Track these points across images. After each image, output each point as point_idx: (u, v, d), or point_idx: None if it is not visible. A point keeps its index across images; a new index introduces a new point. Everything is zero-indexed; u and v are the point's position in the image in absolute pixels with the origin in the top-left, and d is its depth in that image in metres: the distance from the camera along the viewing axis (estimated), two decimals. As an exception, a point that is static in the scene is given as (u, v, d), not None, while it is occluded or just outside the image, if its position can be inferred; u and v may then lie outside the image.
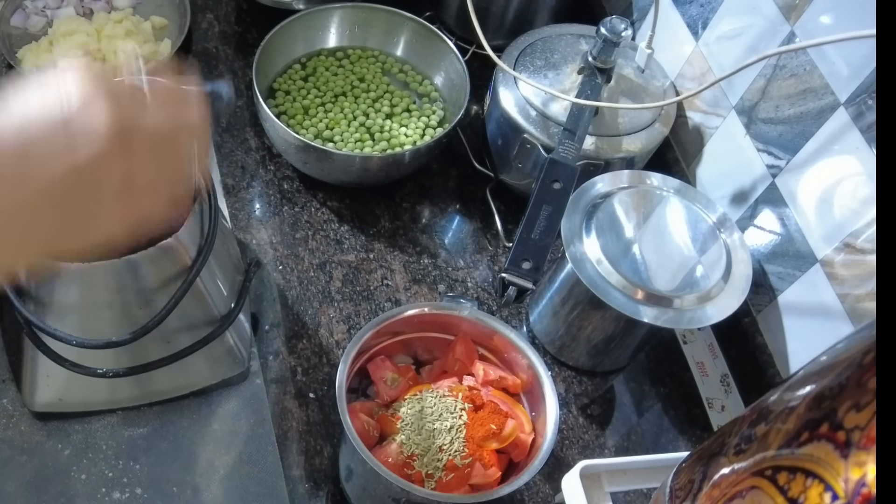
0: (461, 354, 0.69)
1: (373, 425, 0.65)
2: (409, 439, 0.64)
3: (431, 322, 0.70)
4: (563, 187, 0.72)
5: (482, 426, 0.64)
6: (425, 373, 0.72)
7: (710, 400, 0.80)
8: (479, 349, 0.71)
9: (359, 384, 0.70)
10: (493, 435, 0.64)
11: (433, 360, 0.73)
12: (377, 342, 0.69)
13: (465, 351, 0.70)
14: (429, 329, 0.71)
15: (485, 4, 0.98)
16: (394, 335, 0.70)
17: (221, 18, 1.04)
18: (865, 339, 0.35)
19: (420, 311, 0.69)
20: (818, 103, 0.69)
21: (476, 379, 0.69)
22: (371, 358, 0.69)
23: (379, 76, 0.95)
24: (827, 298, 0.69)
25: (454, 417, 0.65)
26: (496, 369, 0.70)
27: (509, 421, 0.65)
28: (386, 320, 0.67)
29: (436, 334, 0.71)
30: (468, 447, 0.63)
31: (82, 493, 0.67)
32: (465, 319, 0.69)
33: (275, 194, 0.89)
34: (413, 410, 0.65)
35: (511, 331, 0.68)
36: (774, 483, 0.36)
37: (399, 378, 0.68)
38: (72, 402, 0.69)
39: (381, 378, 0.68)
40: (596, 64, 0.80)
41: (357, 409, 0.66)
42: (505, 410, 0.66)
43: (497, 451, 0.65)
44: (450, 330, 0.71)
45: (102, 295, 0.61)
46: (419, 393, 0.67)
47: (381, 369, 0.69)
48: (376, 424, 0.66)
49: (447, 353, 0.71)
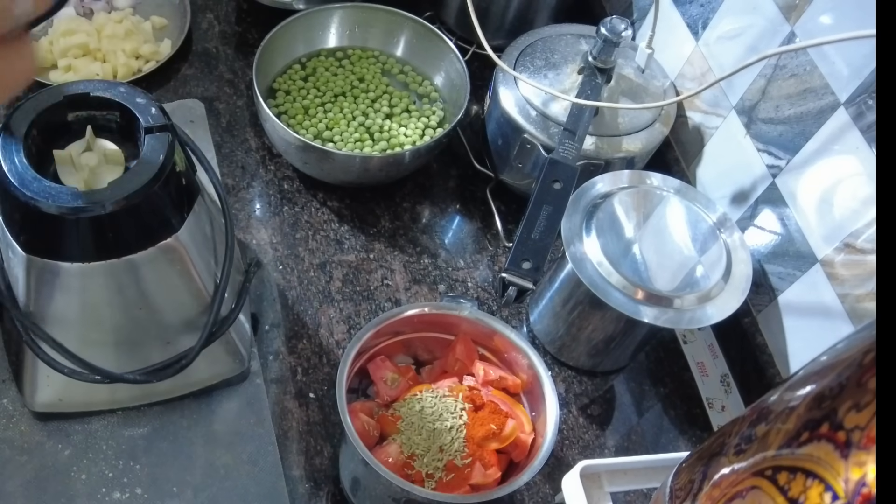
0: (461, 354, 0.69)
1: (373, 425, 0.65)
2: (410, 439, 0.64)
3: (431, 322, 0.70)
4: (564, 187, 0.72)
5: (482, 426, 0.64)
6: (425, 373, 0.72)
7: (710, 400, 0.80)
8: (479, 349, 0.71)
9: (359, 384, 0.70)
10: (494, 435, 0.64)
11: (433, 360, 0.73)
12: (377, 342, 0.69)
13: (466, 351, 0.70)
14: (429, 329, 0.71)
15: (485, 4, 0.98)
16: (394, 335, 0.70)
17: (221, 18, 1.04)
18: (865, 339, 0.35)
19: (420, 311, 0.68)
20: (818, 103, 0.69)
21: (476, 379, 0.69)
22: (371, 358, 0.69)
23: (378, 76, 0.95)
24: (827, 298, 0.69)
25: (454, 417, 0.65)
26: (496, 369, 0.70)
27: (509, 421, 0.65)
28: (386, 320, 0.67)
29: (436, 334, 0.71)
30: (468, 447, 0.63)
31: (82, 493, 0.67)
32: (466, 319, 0.69)
33: (275, 194, 0.89)
34: (413, 410, 0.65)
35: (511, 331, 0.68)
36: (775, 483, 0.36)
37: (399, 378, 0.68)
38: (72, 402, 0.69)
39: (382, 378, 0.68)
40: (596, 64, 0.80)
41: (357, 409, 0.66)
42: (505, 410, 0.66)
43: (497, 451, 0.65)
44: (450, 330, 0.71)
45: (102, 295, 0.61)
46: (419, 393, 0.67)
47: (382, 369, 0.69)
48: (376, 424, 0.66)
49: (447, 353, 0.71)
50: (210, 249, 0.67)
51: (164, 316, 0.66)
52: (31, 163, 0.56)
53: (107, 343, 0.66)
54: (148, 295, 0.63)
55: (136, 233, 0.59)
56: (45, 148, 0.60)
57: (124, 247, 0.59)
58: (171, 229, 0.61)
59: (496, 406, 0.66)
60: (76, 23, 0.95)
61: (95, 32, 0.95)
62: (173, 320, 0.66)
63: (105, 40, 0.94)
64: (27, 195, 0.54)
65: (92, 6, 1.00)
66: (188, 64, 0.98)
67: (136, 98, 0.61)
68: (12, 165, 0.56)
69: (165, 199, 0.59)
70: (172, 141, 0.59)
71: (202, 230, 0.65)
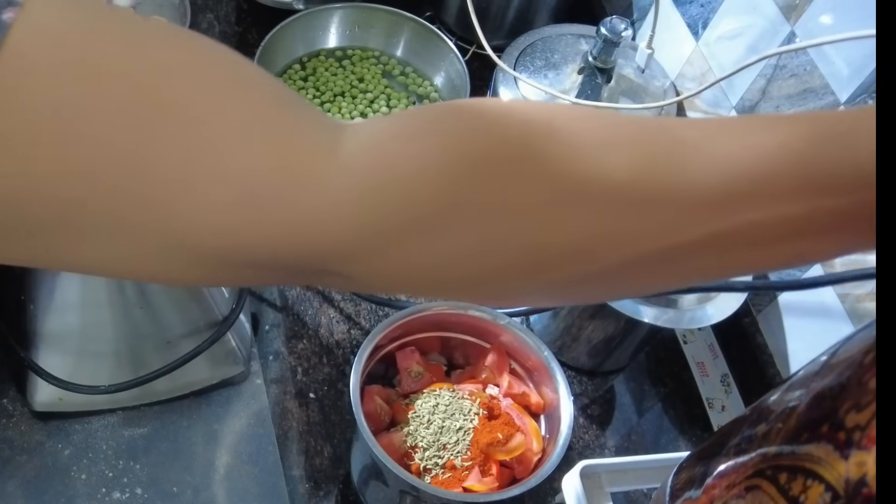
0: (492, 363, 0.69)
1: (386, 410, 0.66)
2: (417, 430, 0.64)
3: (470, 325, 0.69)
4: (564, 187, 0.72)
5: (490, 433, 0.64)
6: (455, 375, 0.72)
7: (711, 400, 0.80)
8: (511, 363, 0.70)
9: (385, 371, 0.70)
10: (498, 443, 0.64)
11: (467, 365, 0.72)
12: (411, 333, 0.69)
13: (497, 361, 0.69)
14: (467, 332, 0.70)
15: (485, 4, 0.98)
16: (431, 329, 0.70)
17: (221, 18, 1.04)
18: (865, 339, 0.35)
19: (456, 311, 0.68)
20: (818, 103, 0.69)
21: (500, 389, 0.68)
22: (402, 347, 0.69)
23: (378, 77, 0.95)
24: (827, 298, 0.69)
25: (465, 420, 0.64)
26: (521, 384, 0.69)
27: (518, 435, 0.64)
28: (415, 313, 0.67)
29: (474, 339, 0.71)
30: (471, 451, 0.63)
31: (82, 493, 0.67)
32: (505, 330, 0.68)
33: (275, 194, 0.89)
34: (428, 404, 0.65)
35: (545, 350, 0.67)
36: (775, 483, 0.36)
37: (424, 372, 0.68)
38: (72, 401, 0.69)
39: (407, 368, 0.68)
40: (596, 64, 0.80)
41: (375, 391, 0.66)
42: (518, 425, 0.65)
43: (502, 464, 0.65)
44: (488, 338, 0.70)
45: (102, 294, 0.61)
46: (438, 389, 0.67)
47: (409, 360, 0.69)
48: (389, 410, 0.66)
49: (479, 360, 0.70)
50: (210, 249, 0.67)
51: (164, 316, 0.66)
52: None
53: (107, 343, 0.66)
54: (148, 295, 0.63)
55: (137, 233, 0.59)
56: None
57: (124, 247, 0.59)
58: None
59: (510, 418, 0.65)
60: (76, 23, 0.95)
61: (95, 32, 0.95)
62: (173, 320, 0.66)
63: (105, 40, 0.94)
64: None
65: (92, 6, 1.00)
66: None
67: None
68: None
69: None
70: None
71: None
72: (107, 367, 0.67)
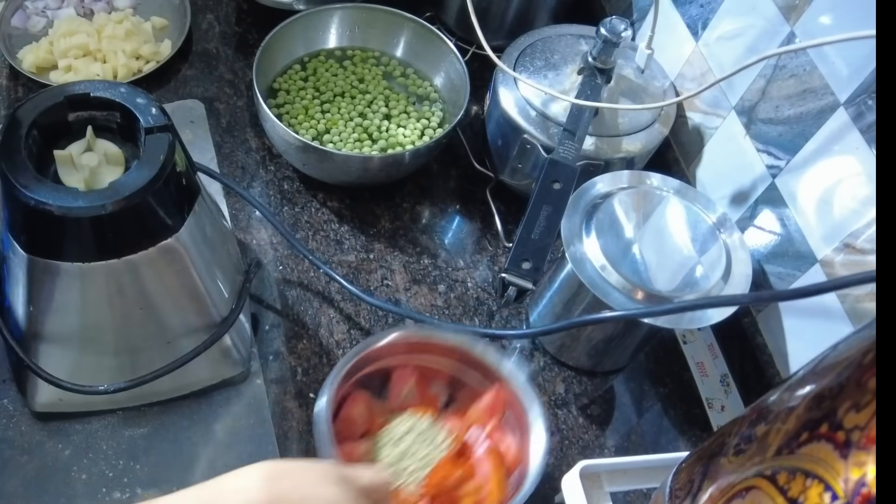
0: (484, 406, 0.68)
1: (364, 418, 0.65)
2: (383, 447, 0.63)
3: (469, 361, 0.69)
4: (563, 187, 0.72)
5: (446, 471, 0.63)
6: (447, 411, 0.70)
7: (710, 400, 0.80)
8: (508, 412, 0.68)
9: (380, 383, 0.70)
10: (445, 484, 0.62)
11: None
12: (414, 353, 0.68)
13: (490, 406, 0.68)
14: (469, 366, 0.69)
15: (485, 5, 0.98)
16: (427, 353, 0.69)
17: (222, 19, 1.04)
18: (865, 339, 0.36)
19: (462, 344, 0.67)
20: (818, 103, 0.69)
21: (483, 431, 0.66)
22: (404, 365, 0.69)
23: (378, 78, 0.95)
24: (827, 298, 0.69)
25: (433, 450, 0.64)
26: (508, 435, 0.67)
27: (470, 483, 0.63)
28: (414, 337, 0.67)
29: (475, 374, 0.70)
30: (427, 483, 0.62)
31: (83, 493, 0.67)
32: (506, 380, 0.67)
33: (275, 195, 0.89)
34: (404, 425, 0.65)
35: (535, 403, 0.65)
36: (774, 483, 0.36)
37: (415, 393, 0.68)
38: (72, 402, 0.69)
39: (400, 386, 0.68)
40: (596, 64, 0.80)
41: (361, 397, 0.66)
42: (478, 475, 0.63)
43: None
44: (488, 376, 0.69)
45: (103, 295, 0.61)
46: (421, 415, 0.66)
47: (404, 377, 0.68)
48: (368, 419, 0.66)
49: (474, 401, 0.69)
50: (210, 250, 0.67)
51: (164, 316, 0.66)
52: (31, 163, 0.56)
53: (107, 343, 0.66)
54: (148, 295, 0.63)
55: (137, 233, 0.59)
56: (45, 148, 0.60)
57: (124, 247, 0.59)
58: (171, 230, 0.61)
59: (473, 469, 0.64)
60: (76, 23, 0.95)
61: (96, 33, 0.95)
62: (173, 320, 0.66)
63: (105, 41, 0.94)
64: (28, 195, 0.55)
65: (92, 7, 1.00)
66: (188, 64, 0.99)
67: (137, 98, 0.61)
68: (13, 166, 0.56)
69: (165, 200, 0.59)
70: (173, 141, 0.59)
71: (202, 230, 0.65)
72: (107, 367, 0.67)
